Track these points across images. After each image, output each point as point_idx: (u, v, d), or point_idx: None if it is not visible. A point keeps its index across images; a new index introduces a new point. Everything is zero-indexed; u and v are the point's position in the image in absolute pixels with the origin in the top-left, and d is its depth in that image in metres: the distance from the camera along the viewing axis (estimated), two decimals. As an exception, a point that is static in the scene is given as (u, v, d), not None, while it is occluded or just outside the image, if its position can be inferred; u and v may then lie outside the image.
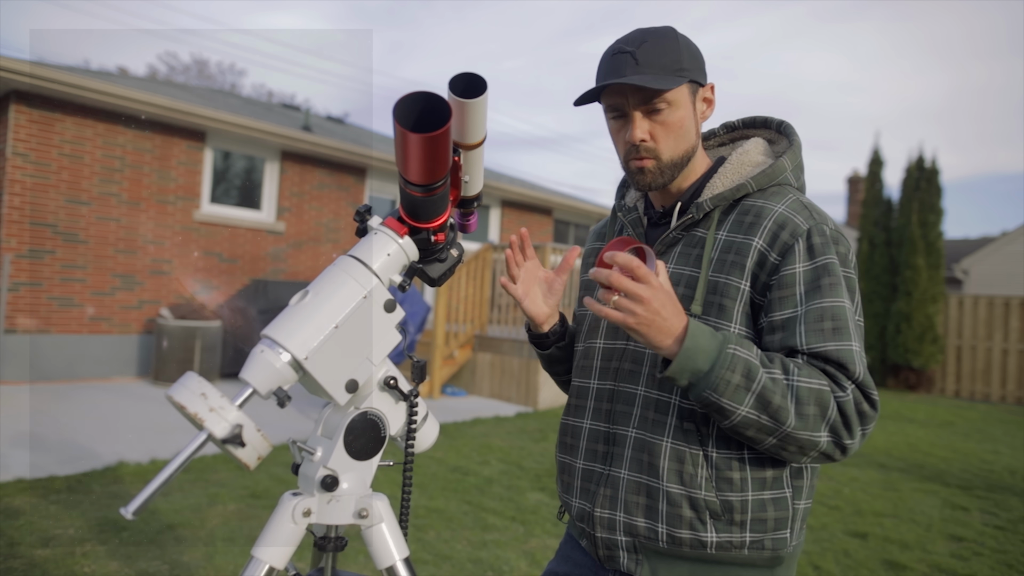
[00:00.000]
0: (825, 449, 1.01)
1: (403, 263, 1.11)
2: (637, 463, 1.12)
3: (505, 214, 12.23)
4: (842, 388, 1.00)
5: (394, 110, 0.91)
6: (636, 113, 1.12)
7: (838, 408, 1.00)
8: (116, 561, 2.89)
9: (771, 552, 1.09)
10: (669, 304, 0.97)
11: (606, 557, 1.16)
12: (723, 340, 0.99)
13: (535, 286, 1.30)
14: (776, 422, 0.99)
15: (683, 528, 1.07)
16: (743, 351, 0.99)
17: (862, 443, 1.02)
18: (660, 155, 1.14)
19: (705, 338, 0.98)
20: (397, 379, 1.12)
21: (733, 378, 0.97)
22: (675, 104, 1.12)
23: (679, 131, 1.13)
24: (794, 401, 0.98)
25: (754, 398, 0.98)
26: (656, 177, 1.15)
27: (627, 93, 1.11)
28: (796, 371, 1.00)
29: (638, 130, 1.12)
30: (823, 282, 1.04)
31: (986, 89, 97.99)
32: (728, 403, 0.98)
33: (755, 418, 0.99)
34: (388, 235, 1.09)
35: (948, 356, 11.59)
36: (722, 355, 0.98)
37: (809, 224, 1.08)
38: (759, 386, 0.98)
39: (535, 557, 3.21)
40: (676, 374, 0.99)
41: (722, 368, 0.97)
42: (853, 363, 1.01)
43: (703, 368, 0.98)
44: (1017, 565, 3.49)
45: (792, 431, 0.99)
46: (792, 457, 1.04)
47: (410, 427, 1.14)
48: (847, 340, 1.02)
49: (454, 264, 1.19)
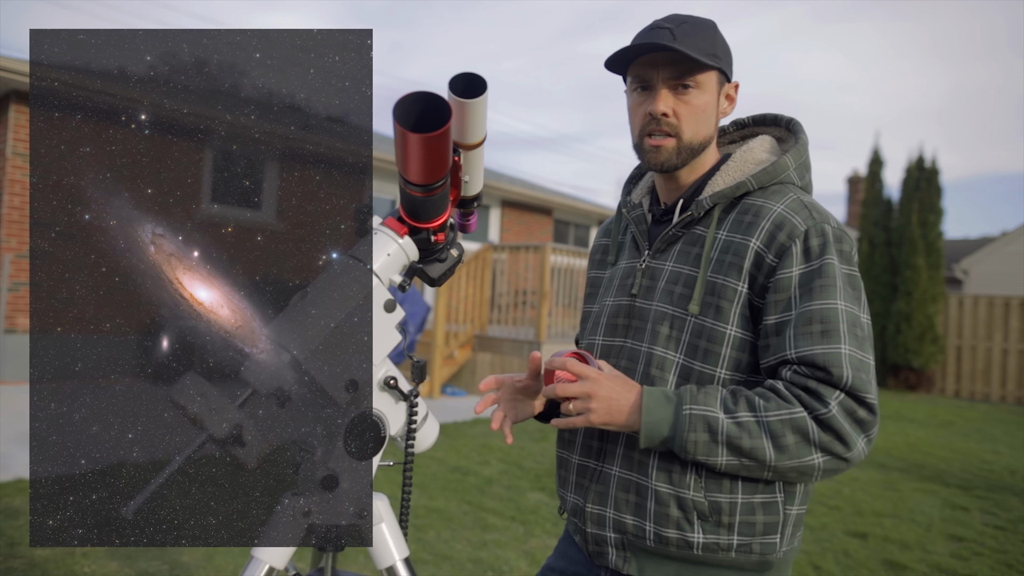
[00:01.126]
0: (826, 467, 1.00)
1: (403, 263, 1.11)
2: (628, 460, 1.12)
3: (505, 214, 12.23)
4: (823, 403, 0.98)
5: (394, 110, 0.91)
6: (663, 87, 1.11)
7: (821, 427, 0.98)
8: (116, 561, 2.89)
9: (759, 556, 1.08)
10: (616, 384, 1.03)
11: (595, 553, 1.16)
12: (678, 402, 1.02)
13: (516, 401, 1.26)
14: (756, 461, 1.00)
15: (670, 527, 1.07)
16: (700, 407, 1.01)
17: (869, 448, 1.00)
18: (681, 134, 1.12)
19: (660, 407, 1.02)
20: (397, 379, 1.12)
21: (698, 437, 1.00)
22: (703, 87, 1.11)
23: (702, 115, 1.13)
24: (768, 437, 0.98)
25: (725, 448, 1.00)
26: (671, 157, 1.13)
27: (659, 65, 1.10)
28: (764, 405, 0.99)
29: (662, 103, 1.11)
30: (815, 284, 1.03)
31: (985, 89, 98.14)
32: (704, 459, 1.01)
33: (736, 463, 1.01)
34: (388, 235, 1.09)
35: (948, 356, 11.59)
36: (679, 419, 1.01)
37: (808, 225, 1.06)
38: (724, 436, 0.99)
39: (535, 557, 3.21)
40: (648, 444, 1.03)
41: (683, 431, 1.01)
42: (839, 366, 0.98)
43: (667, 434, 1.02)
44: (1017, 565, 3.49)
45: (777, 464, 0.99)
46: (800, 480, 1.04)
47: (410, 427, 1.14)
48: (835, 343, 0.99)
49: (454, 264, 1.19)
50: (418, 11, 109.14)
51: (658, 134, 1.12)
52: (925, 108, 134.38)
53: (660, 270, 1.17)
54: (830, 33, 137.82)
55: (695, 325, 1.09)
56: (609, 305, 1.23)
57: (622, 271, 1.24)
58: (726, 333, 1.07)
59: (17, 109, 6.89)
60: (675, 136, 1.12)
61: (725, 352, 1.07)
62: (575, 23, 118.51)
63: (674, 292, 1.13)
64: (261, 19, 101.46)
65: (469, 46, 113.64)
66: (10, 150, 6.87)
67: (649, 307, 1.16)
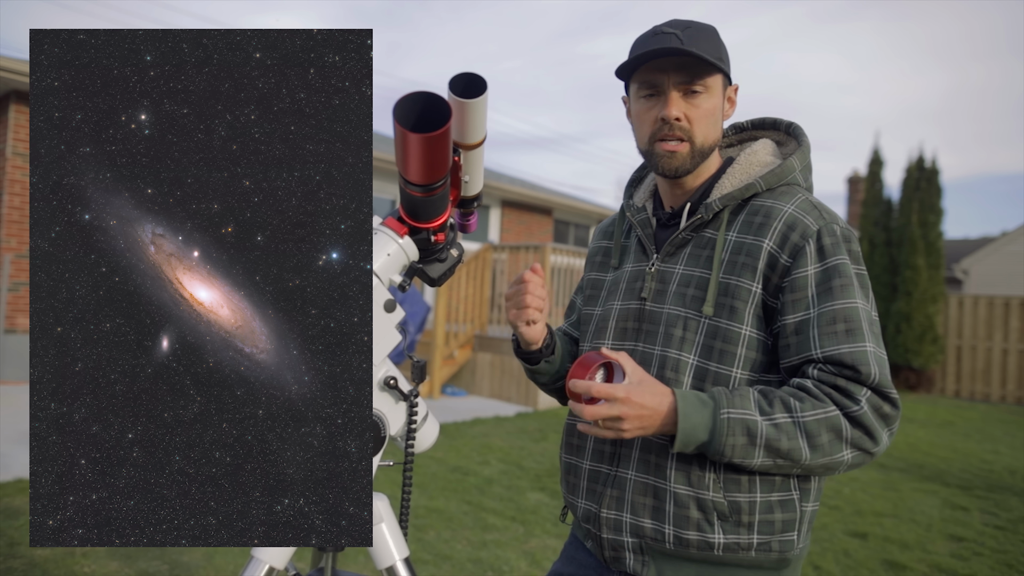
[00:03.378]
0: (853, 462, 1.02)
1: (403, 263, 1.11)
2: (644, 464, 1.12)
3: (505, 214, 12.24)
4: (854, 400, 1.00)
5: (394, 110, 0.91)
6: (674, 91, 1.11)
7: (852, 424, 1.00)
8: (116, 561, 2.89)
9: (778, 554, 1.08)
10: (646, 395, 1.00)
11: (612, 558, 1.15)
12: (715, 406, 1.01)
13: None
14: (792, 461, 1.01)
15: (690, 529, 1.07)
16: (738, 410, 1.00)
17: (891, 440, 1.04)
18: (694, 138, 1.13)
19: (696, 412, 1.01)
20: (397, 379, 1.12)
21: (736, 441, 1.00)
22: (711, 91, 1.12)
23: (711, 118, 1.13)
24: (804, 437, 1.00)
25: (763, 451, 1.00)
26: (684, 162, 1.14)
27: (668, 70, 1.10)
28: (799, 406, 1.00)
29: (674, 107, 1.11)
30: (834, 283, 1.04)
31: (985, 89, 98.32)
32: (740, 461, 1.01)
33: (771, 463, 1.02)
34: (388, 235, 1.09)
35: (948, 356, 11.59)
36: (717, 424, 1.00)
37: (819, 225, 1.07)
38: (763, 439, 1.00)
39: (535, 557, 3.21)
40: (683, 448, 1.02)
41: (721, 435, 1.00)
42: (867, 364, 1.00)
43: (704, 439, 1.01)
44: (1017, 565, 3.49)
45: (810, 463, 1.01)
46: (823, 474, 1.07)
47: (410, 427, 1.14)
48: (860, 341, 1.01)
49: (454, 264, 1.19)
50: (416, 12, 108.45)
51: (672, 139, 1.13)
52: (925, 108, 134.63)
53: (671, 273, 1.17)
54: (829, 33, 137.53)
55: (709, 326, 1.10)
56: (617, 309, 1.22)
57: (629, 274, 1.24)
58: (741, 333, 1.08)
59: (17, 109, 6.90)
60: (688, 141, 1.13)
61: (740, 352, 1.08)
62: (573, 24, 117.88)
63: (687, 295, 1.13)
64: (261, 19, 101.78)
65: (467, 47, 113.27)
66: (10, 150, 6.87)
67: (661, 310, 1.16)
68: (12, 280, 6.92)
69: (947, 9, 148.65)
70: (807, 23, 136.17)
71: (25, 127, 6.95)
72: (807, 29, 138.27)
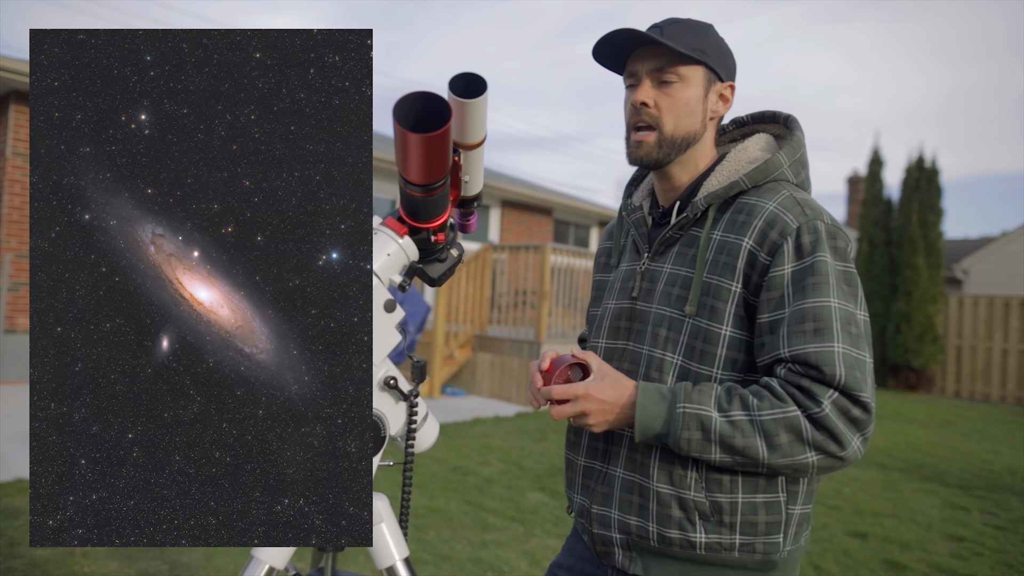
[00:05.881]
0: (820, 465, 1.00)
1: (403, 263, 1.11)
2: (631, 462, 1.13)
3: (505, 214, 12.24)
4: (816, 402, 0.97)
5: (394, 110, 0.91)
6: (646, 79, 1.13)
7: (815, 426, 0.98)
8: (116, 561, 2.89)
9: (762, 556, 1.08)
10: (605, 389, 1.04)
11: (602, 553, 1.17)
12: (672, 400, 1.03)
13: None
14: (749, 459, 1.01)
15: (672, 528, 1.07)
16: (694, 405, 1.02)
17: (865, 446, 1.00)
18: (662, 126, 1.13)
19: (654, 404, 1.03)
20: (397, 379, 1.12)
21: (692, 435, 1.01)
22: (687, 81, 1.13)
23: (684, 108, 1.13)
24: (762, 436, 0.99)
25: (718, 447, 1.01)
26: (651, 150, 1.14)
27: (644, 59, 1.13)
28: (757, 404, 1.00)
29: (642, 92, 1.13)
30: (807, 282, 1.02)
31: (984, 90, 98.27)
32: (698, 455, 1.03)
33: (730, 459, 1.02)
34: (388, 235, 1.10)
35: (948, 356, 11.59)
36: (672, 417, 1.02)
37: (799, 222, 1.05)
38: (717, 435, 1.00)
39: (535, 557, 3.21)
40: (643, 439, 1.05)
41: (676, 429, 1.02)
42: (832, 365, 0.97)
43: (661, 431, 1.03)
44: (1017, 565, 3.50)
45: (771, 462, 1.00)
46: (795, 476, 1.06)
47: (410, 427, 1.14)
48: (828, 341, 0.99)
49: (454, 264, 1.19)
50: (414, 13, 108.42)
51: (641, 126, 1.14)
52: (924, 108, 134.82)
53: (659, 272, 1.17)
54: (827, 34, 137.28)
55: (692, 326, 1.10)
56: (611, 308, 1.23)
57: (623, 274, 1.25)
58: (721, 334, 1.07)
59: (17, 109, 6.90)
60: (656, 128, 1.14)
61: (721, 353, 1.08)
62: (571, 25, 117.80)
63: (672, 294, 1.13)
64: (260, 19, 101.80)
65: (465, 47, 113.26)
66: (10, 150, 6.87)
67: (649, 309, 1.16)
68: (12, 280, 6.92)
69: (946, 9, 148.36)
70: (805, 24, 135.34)
71: (25, 127, 6.95)
72: (805, 29, 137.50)
